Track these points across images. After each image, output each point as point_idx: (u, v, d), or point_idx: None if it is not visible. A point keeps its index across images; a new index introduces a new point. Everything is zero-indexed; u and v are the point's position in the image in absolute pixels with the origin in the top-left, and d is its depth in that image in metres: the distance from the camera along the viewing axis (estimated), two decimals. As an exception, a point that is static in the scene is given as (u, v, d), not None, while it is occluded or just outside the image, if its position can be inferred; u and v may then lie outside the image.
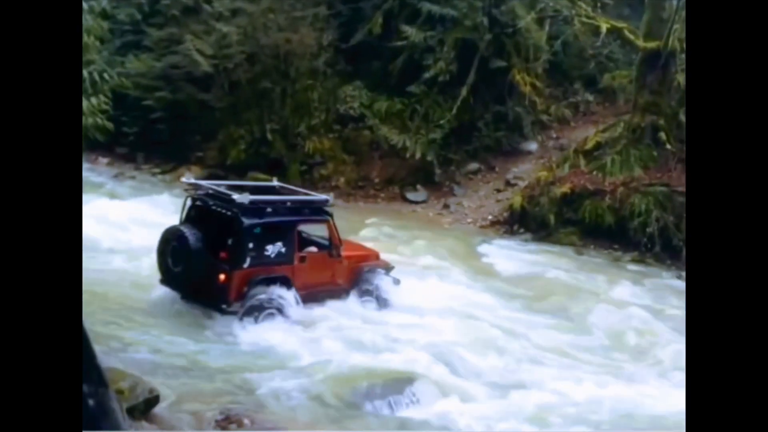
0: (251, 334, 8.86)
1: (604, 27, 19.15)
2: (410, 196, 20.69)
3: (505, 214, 18.45)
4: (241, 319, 8.98)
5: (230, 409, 6.75)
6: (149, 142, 22.64)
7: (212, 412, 6.66)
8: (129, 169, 22.48)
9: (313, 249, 10.00)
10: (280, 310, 9.20)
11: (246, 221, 8.92)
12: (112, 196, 17.07)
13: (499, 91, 21.39)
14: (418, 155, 20.50)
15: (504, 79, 21.22)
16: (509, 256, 15.62)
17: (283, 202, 9.76)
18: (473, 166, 21.39)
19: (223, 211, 9.13)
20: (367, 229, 16.11)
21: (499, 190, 20.27)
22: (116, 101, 8.76)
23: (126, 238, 12.76)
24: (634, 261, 15.75)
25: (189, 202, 9.46)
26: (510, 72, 21.17)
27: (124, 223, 13.34)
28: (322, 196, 10.71)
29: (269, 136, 21.15)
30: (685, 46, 16.97)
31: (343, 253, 10.10)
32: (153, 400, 6.40)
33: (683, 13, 16.79)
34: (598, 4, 20.39)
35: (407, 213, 19.77)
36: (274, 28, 21.17)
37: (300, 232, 9.82)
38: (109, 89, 7.92)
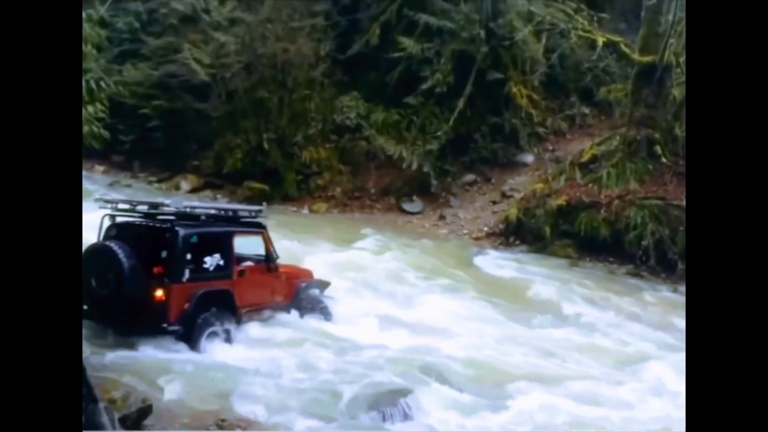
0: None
1: (600, 41, 19.28)
2: (406, 206, 20.69)
3: (501, 226, 18.46)
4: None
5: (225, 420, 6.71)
6: (145, 150, 22.66)
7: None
8: (125, 177, 22.48)
9: (249, 263, 9.42)
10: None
11: (181, 230, 8.18)
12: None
13: (496, 103, 21.48)
14: (414, 166, 20.53)
15: (501, 91, 21.33)
16: (502, 267, 15.65)
17: (218, 209, 9.38)
18: (469, 177, 21.43)
19: (153, 223, 8.52)
20: (363, 241, 16.06)
21: (495, 202, 20.29)
22: (113, 109, 8.61)
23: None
24: (629, 274, 15.76)
25: (107, 221, 8.58)
26: (507, 84, 21.30)
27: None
28: (256, 207, 10.00)
29: (266, 146, 21.17)
30: (682, 60, 17.10)
31: (280, 269, 9.69)
32: (146, 409, 6.36)
33: (679, 28, 16.90)
34: (595, 19, 20.51)
35: (403, 224, 19.76)
36: (272, 38, 21.24)
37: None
38: (106, 97, 7.86)
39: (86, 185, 19.17)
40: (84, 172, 20.94)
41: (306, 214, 20.23)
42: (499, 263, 16.08)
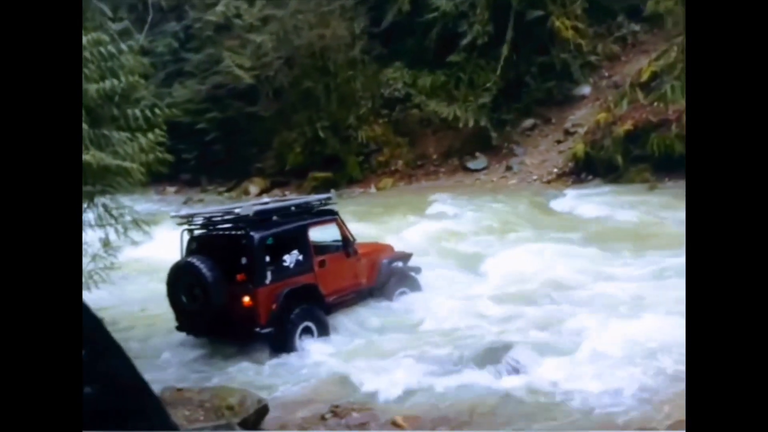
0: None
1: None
2: (471, 164, 20.51)
3: (570, 164, 18.05)
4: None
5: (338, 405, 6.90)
6: (209, 163, 23.29)
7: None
8: (196, 192, 23.22)
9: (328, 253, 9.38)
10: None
11: (256, 234, 8.25)
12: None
13: (541, 42, 20.85)
14: (471, 123, 20.29)
15: (543, 28, 20.67)
16: (582, 204, 15.26)
17: (287, 207, 9.34)
18: (528, 122, 21.00)
19: (228, 232, 8.56)
20: (433, 206, 16.03)
21: (559, 141, 19.82)
22: (170, 130, 8.81)
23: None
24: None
25: (186, 236, 8.72)
26: (548, 20, 20.61)
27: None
28: (324, 195, 10.03)
29: (321, 134, 21.37)
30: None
31: (360, 251, 9.60)
32: (262, 410, 6.62)
33: None
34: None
35: (470, 183, 19.61)
36: (306, 27, 21.31)
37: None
38: (163, 121, 8.11)
39: (162, 207, 20.01)
40: (157, 196, 21.87)
41: (374, 193, 20.36)
42: (577, 202, 15.71)
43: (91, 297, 8.28)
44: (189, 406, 6.30)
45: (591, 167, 17.44)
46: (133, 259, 10.41)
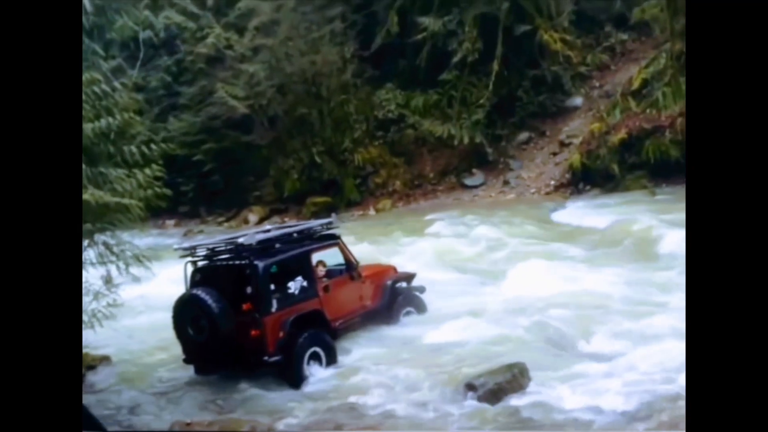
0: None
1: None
2: (468, 181, 20.58)
3: (567, 176, 18.11)
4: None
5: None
6: (207, 194, 23.34)
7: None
8: (195, 224, 23.22)
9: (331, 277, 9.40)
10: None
11: (261, 263, 8.24)
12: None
13: (531, 56, 21.03)
14: (466, 140, 20.38)
15: (532, 42, 20.84)
16: (585, 215, 15.29)
17: (289, 234, 9.34)
18: (523, 135, 21.10)
19: (232, 262, 8.54)
20: (431, 227, 16.04)
21: (555, 153, 19.92)
22: (167, 164, 8.85)
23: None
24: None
25: (190, 267, 8.70)
26: (537, 34, 20.79)
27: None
28: (325, 219, 10.09)
29: (318, 159, 21.45)
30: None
31: (363, 274, 9.61)
32: (272, 438, 6.60)
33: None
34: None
35: (469, 199, 19.66)
36: (297, 54, 21.49)
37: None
38: (159, 156, 8.15)
39: (163, 240, 20.00)
40: (157, 230, 21.85)
41: (372, 215, 20.39)
42: (578, 213, 15.74)
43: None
44: (199, 441, 6.27)
45: (588, 177, 17.51)
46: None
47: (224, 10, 23.54)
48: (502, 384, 7.46)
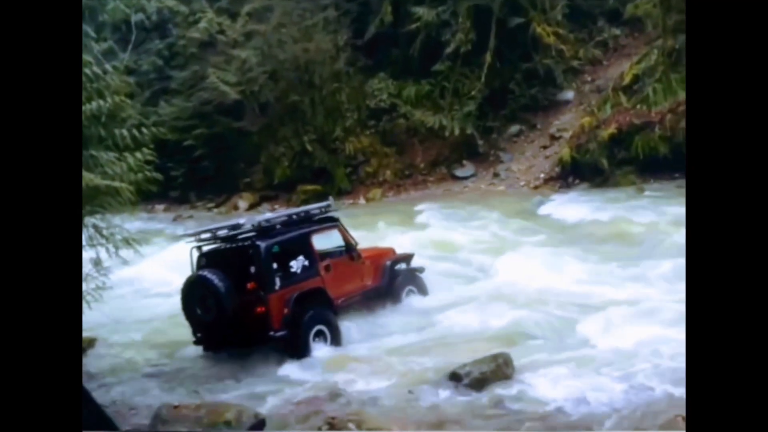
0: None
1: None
2: (458, 172, 20.64)
3: (557, 169, 18.21)
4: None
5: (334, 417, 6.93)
6: (198, 179, 23.29)
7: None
8: (185, 209, 23.17)
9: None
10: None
11: (262, 243, 8.71)
12: (175, 238, 17.66)
13: (524, 48, 21.05)
14: (457, 131, 20.43)
15: (525, 35, 20.85)
16: (571, 209, 15.40)
17: (289, 216, 9.72)
18: (514, 128, 21.17)
19: (236, 244, 8.98)
20: (421, 216, 16.13)
21: (545, 147, 20.00)
22: (158, 148, 8.89)
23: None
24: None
25: (195, 253, 9.11)
26: (530, 27, 20.81)
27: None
28: (323, 203, 10.47)
29: (309, 147, 21.44)
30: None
31: (363, 255, 10.01)
32: (259, 424, 6.65)
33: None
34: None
35: (459, 191, 19.74)
36: (289, 41, 21.42)
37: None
38: (150, 140, 8.16)
39: (153, 224, 19.98)
40: (146, 214, 21.78)
41: (363, 204, 20.42)
42: (566, 207, 15.84)
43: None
44: (186, 423, 6.32)
45: (577, 171, 17.62)
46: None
47: (217, -6, 23.45)
48: (486, 373, 7.58)
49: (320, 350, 8.75)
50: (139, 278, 12.91)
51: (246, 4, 22.48)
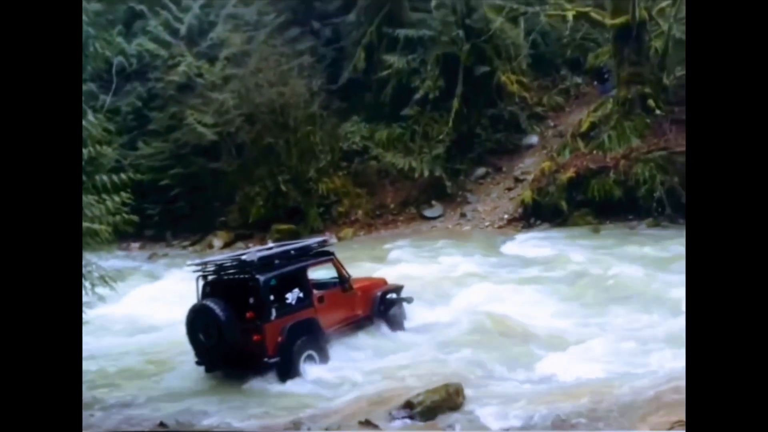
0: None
1: (570, 15, 19.78)
2: (427, 213, 21.36)
3: (520, 210, 19.01)
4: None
5: None
6: (173, 218, 23.59)
7: None
8: (161, 247, 23.43)
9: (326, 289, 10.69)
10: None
11: (262, 277, 9.47)
12: (151, 276, 18.05)
13: (489, 95, 22.11)
14: (426, 173, 21.25)
15: (491, 82, 21.93)
16: (531, 247, 16.19)
17: (287, 251, 10.56)
18: (481, 170, 22.02)
19: (237, 275, 9.77)
20: (392, 253, 16.76)
21: (509, 189, 20.85)
22: (135, 188, 9.46)
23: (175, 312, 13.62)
24: (649, 226, 16.21)
25: (201, 281, 9.89)
26: (495, 75, 21.89)
27: (170, 299, 14.18)
28: (320, 237, 11.46)
29: (283, 188, 22.03)
30: (654, 12, 17.53)
31: (355, 286, 10.81)
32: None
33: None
34: (564, -9, 21.02)
35: (428, 230, 20.42)
36: (266, 85, 22.19)
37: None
38: (128, 184, 8.75)
39: (127, 262, 20.28)
40: (122, 252, 22.09)
41: (335, 242, 20.97)
42: (526, 245, 16.61)
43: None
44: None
45: (538, 212, 18.44)
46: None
47: (196, 39, 24.23)
48: (438, 402, 8.17)
49: (310, 371, 9.53)
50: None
51: (225, 48, 23.31)
